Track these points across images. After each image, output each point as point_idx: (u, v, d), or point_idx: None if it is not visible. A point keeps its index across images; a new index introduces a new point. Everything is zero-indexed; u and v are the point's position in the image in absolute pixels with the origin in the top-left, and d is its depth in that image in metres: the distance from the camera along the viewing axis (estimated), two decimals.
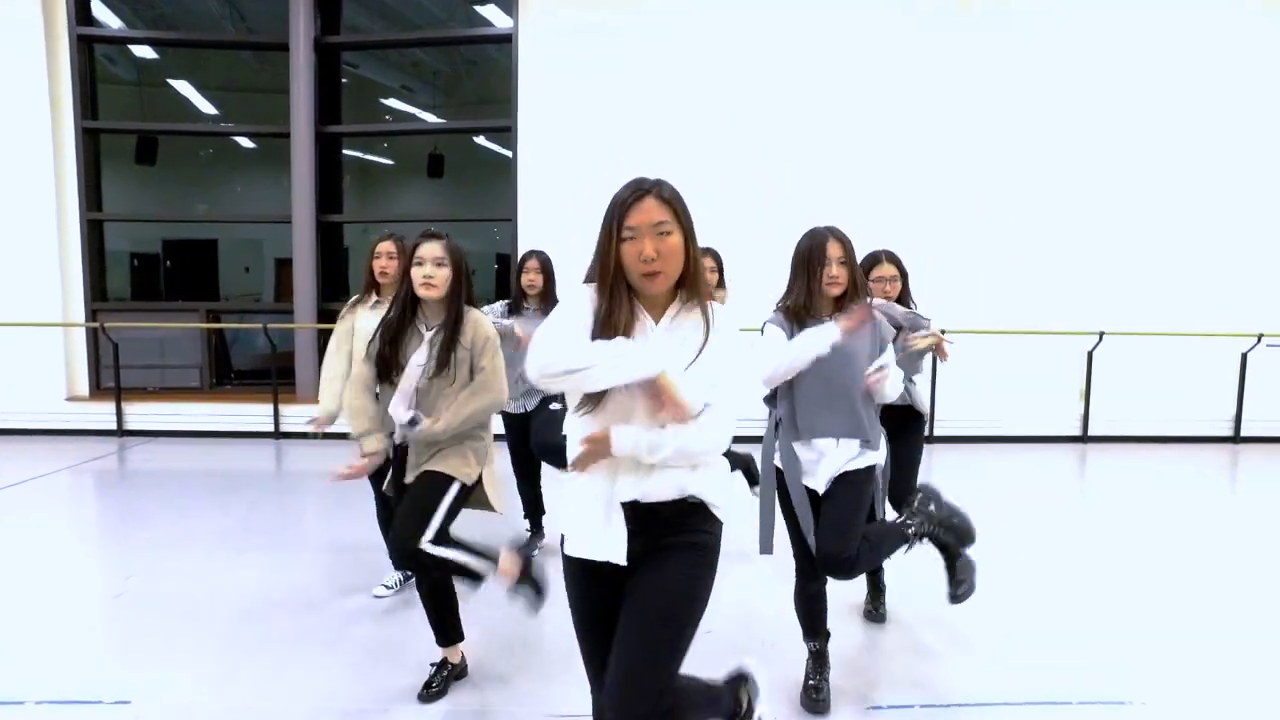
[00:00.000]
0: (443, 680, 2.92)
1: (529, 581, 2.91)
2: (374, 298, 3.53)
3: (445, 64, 13.55)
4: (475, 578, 2.80)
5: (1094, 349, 7.63)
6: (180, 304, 9.75)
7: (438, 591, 2.88)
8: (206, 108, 11.80)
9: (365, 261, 3.56)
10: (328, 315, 8.16)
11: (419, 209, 13.47)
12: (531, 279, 4.07)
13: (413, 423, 2.76)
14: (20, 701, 2.88)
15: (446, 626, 2.93)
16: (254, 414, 7.83)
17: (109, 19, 8.65)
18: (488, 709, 2.87)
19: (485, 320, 2.85)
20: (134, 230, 12.06)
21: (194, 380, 8.32)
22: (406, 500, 2.76)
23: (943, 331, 3.66)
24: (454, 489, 2.75)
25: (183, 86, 11.38)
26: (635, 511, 1.81)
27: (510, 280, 8.62)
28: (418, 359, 2.76)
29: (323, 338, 8.15)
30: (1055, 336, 7.55)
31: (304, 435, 7.44)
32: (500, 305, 4.23)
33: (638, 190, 1.81)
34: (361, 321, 3.43)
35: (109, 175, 8.63)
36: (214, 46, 9.27)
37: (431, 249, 2.74)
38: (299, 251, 7.97)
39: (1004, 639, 3.45)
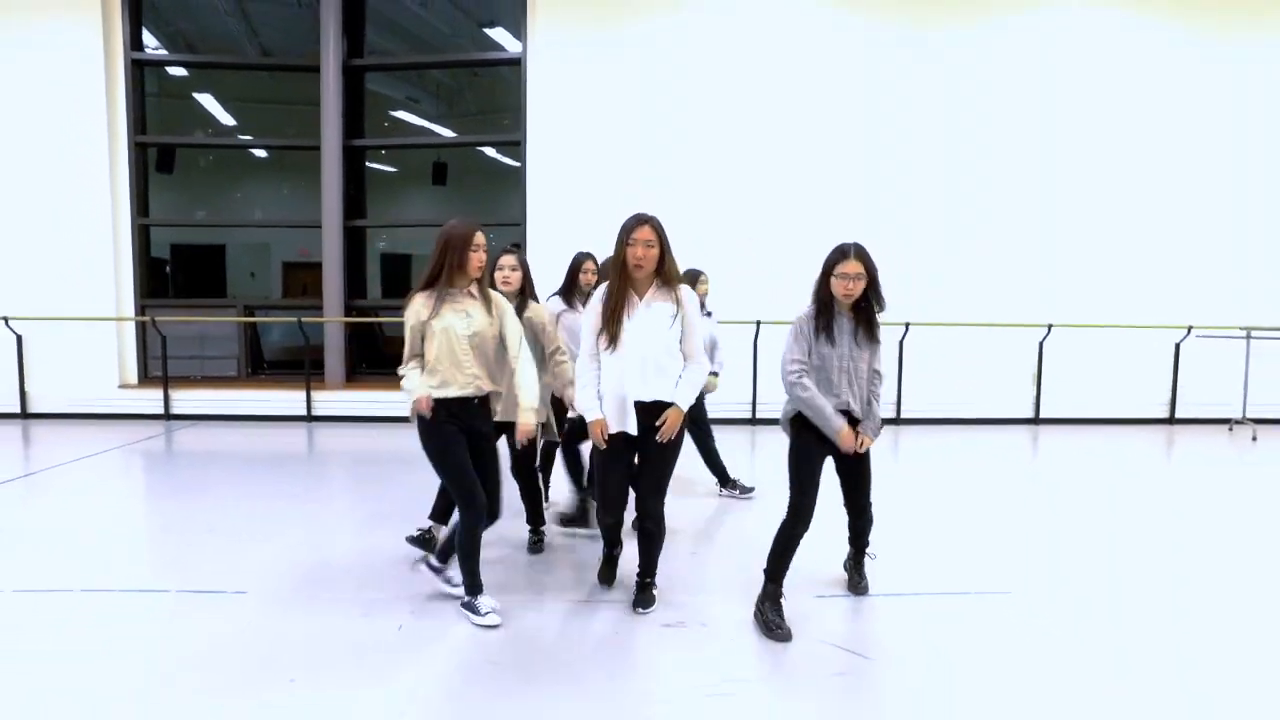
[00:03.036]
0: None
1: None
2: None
3: (449, 77, 14.89)
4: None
5: (1044, 340, 8.98)
6: (222, 300, 11.03)
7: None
8: (226, 119, 13.11)
9: (455, 258, 3.57)
10: (353, 311, 9.49)
11: (426, 215, 14.74)
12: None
13: None
14: (165, 590, 4.15)
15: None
16: (288, 400, 9.11)
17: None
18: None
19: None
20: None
21: (231, 370, 9.62)
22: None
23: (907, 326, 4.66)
24: None
25: (206, 100, 12.69)
26: (639, 406, 3.45)
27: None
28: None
29: (350, 331, 9.49)
30: (1009, 329, 8.89)
31: (337, 419, 8.72)
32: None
33: (639, 220, 3.50)
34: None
35: None
36: (251, 69, 10.58)
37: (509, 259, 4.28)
38: (328, 253, 9.30)
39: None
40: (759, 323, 8.63)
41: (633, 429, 3.55)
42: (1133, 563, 4.51)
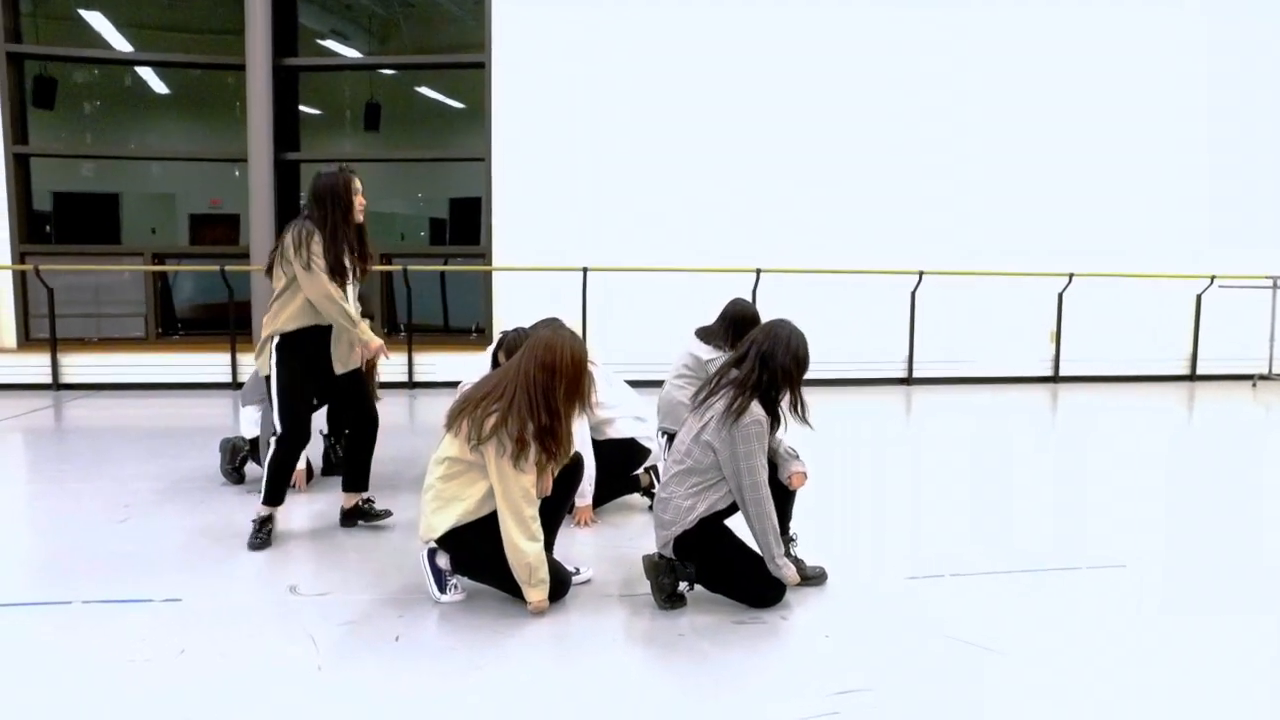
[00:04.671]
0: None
1: None
2: None
3: (380, 7, 13.59)
4: None
5: (1064, 290, 8.45)
6: (123, 247, 9.65)
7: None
8: (122, 45, 11.58)
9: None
10: None
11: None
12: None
13: None
14: (67, 601, 3.15)
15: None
16: (208, 364, 7.94)
17: None
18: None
19: None
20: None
21: (138, 330, 8.35)
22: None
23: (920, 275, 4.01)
24: None
25: (95, 19, 11.15)
26: None
27: (481, 225, 8.94)
28: None
29: None
30: (1027, 278, 8.33)
31: None
32: None
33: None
34: None
35: None
36: None
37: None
38: (257, 190, 8.11)
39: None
40: (759, 271, 7.89)
41: None
42: (1223, 526, 4.19)
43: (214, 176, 11.38)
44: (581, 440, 3.39)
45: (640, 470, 4.18)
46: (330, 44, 12.47)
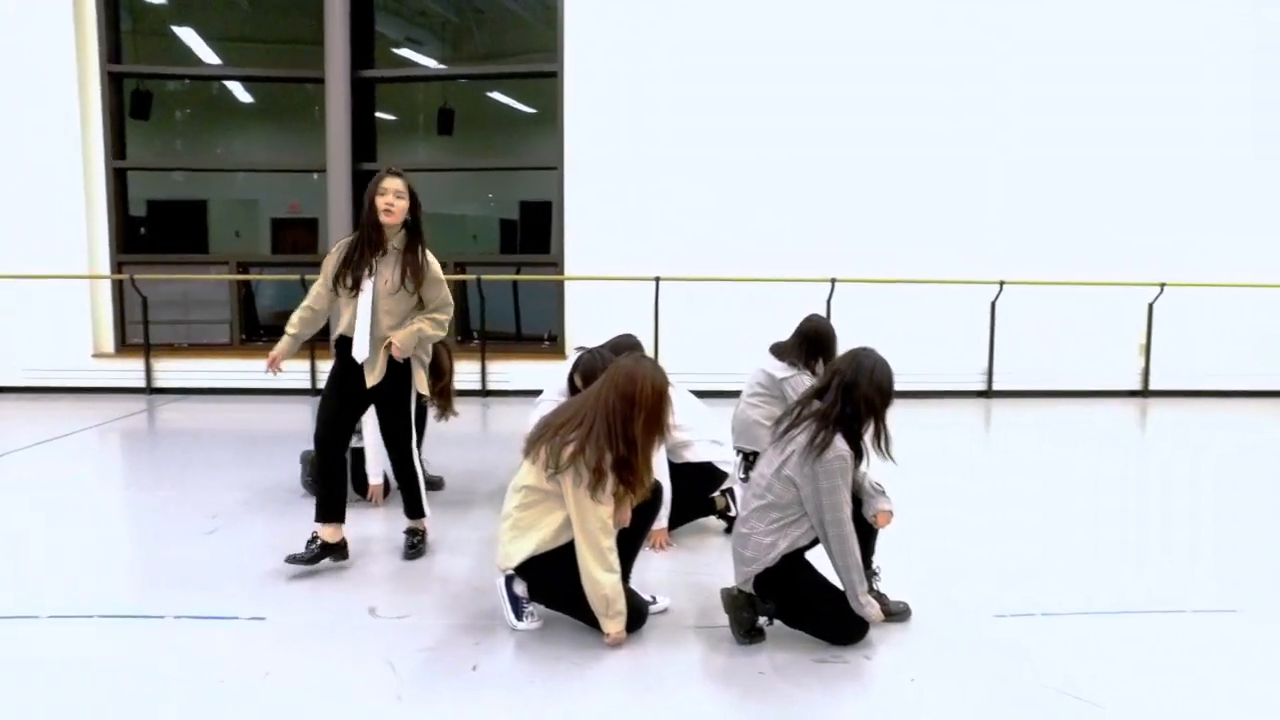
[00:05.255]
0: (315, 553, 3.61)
1: None
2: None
3: (453, 14, 13.78)
4: None
5: (1155, 301, 8.08)
6: (210, 255, 10.01)
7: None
8: (210, 58, 11.98)
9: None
10: None
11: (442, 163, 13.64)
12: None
13: None
14: (160, 616, 3.24)
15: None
16: (288, 370, 8.10)
17: None
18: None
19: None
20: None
21: (222, 336, 8.63)
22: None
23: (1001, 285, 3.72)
24: None
25: (186, 35, 11.56)
26: None
27: (551, 231, 8.99)
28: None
29: None
30: (1114, 288, 7.98)
31: None
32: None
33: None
34: None
35: None
36: None
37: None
38: (335, 200, 8.28)
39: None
40: (833, 280, 7.73)
41: None
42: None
43: (294, 181, 11.71)
44: (659, 467, 3.35)
45: (716, 493, 4.13)
46: (405, 52, 12.70)
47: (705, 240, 7.86)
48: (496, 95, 13.29)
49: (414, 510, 3.87)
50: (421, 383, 3.78)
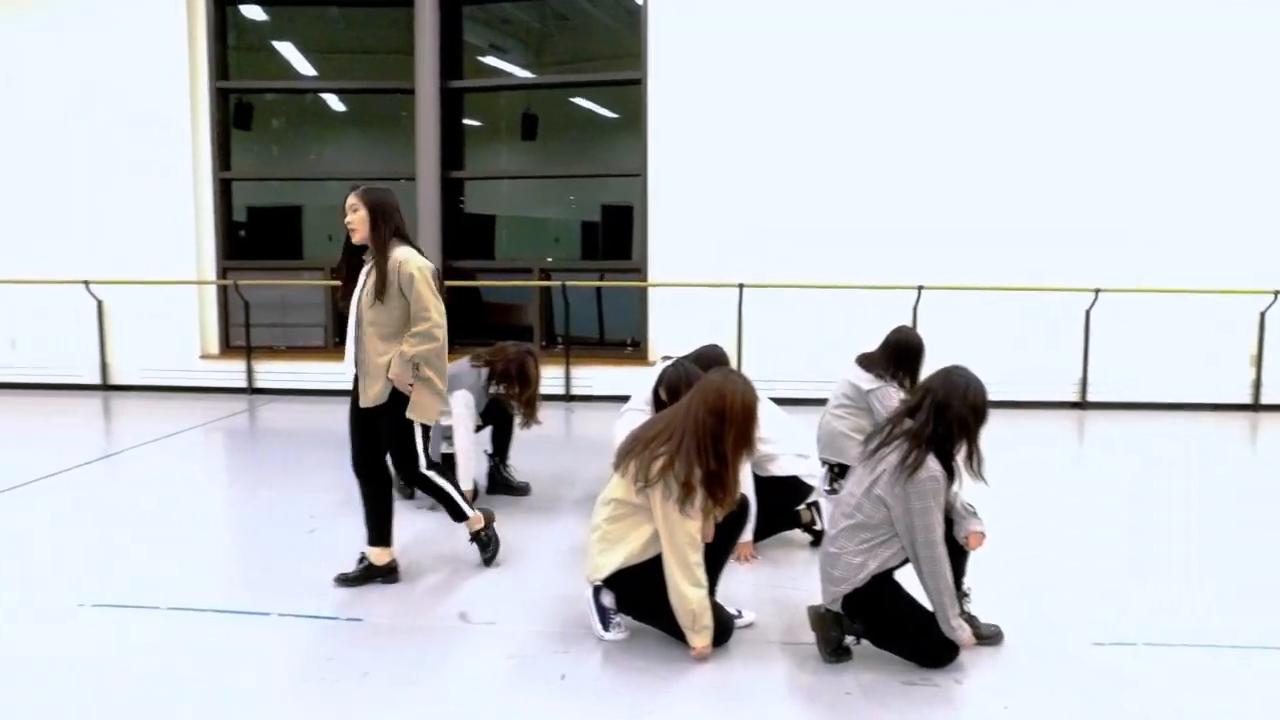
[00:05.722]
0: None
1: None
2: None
3: (536, 21, 14.00)
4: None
5: (1267, 310, 7.67)
6: (305, 261, 10.41)
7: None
8: (306, 69, 12.45)
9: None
10: (451, 273, 8.72)
11: (525, 168, 13.88)
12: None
13: None
14: (266, 613, 3.40)
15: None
16: None
17: None
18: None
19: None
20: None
21: (317, 339, 8.97)
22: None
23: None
24: None
25: (285, 48, 12.05)
26: None
27: (633, 236, 9.06)
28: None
29: (450, 295, 8.70)
30: (1222, 296, 7.60)
31: None
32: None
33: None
34: None
35: None
36: (339, 3, 9.90)
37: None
38: (424, 209, 8.53)
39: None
40: (920, 288, 7.58)
41: None
42: None
43: (395, 181, 12.06)
44: (744, 480, 3.35)
45: (802, 506, 4.10)
46: (490, 59, 12.96)
47: (789, 246, 7.80)
48: (579, 100, 13.46)
49: (456, 516, 3.82)
50: (424, 409, 3.52)
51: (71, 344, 8.66)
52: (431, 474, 3.71)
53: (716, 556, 3.14)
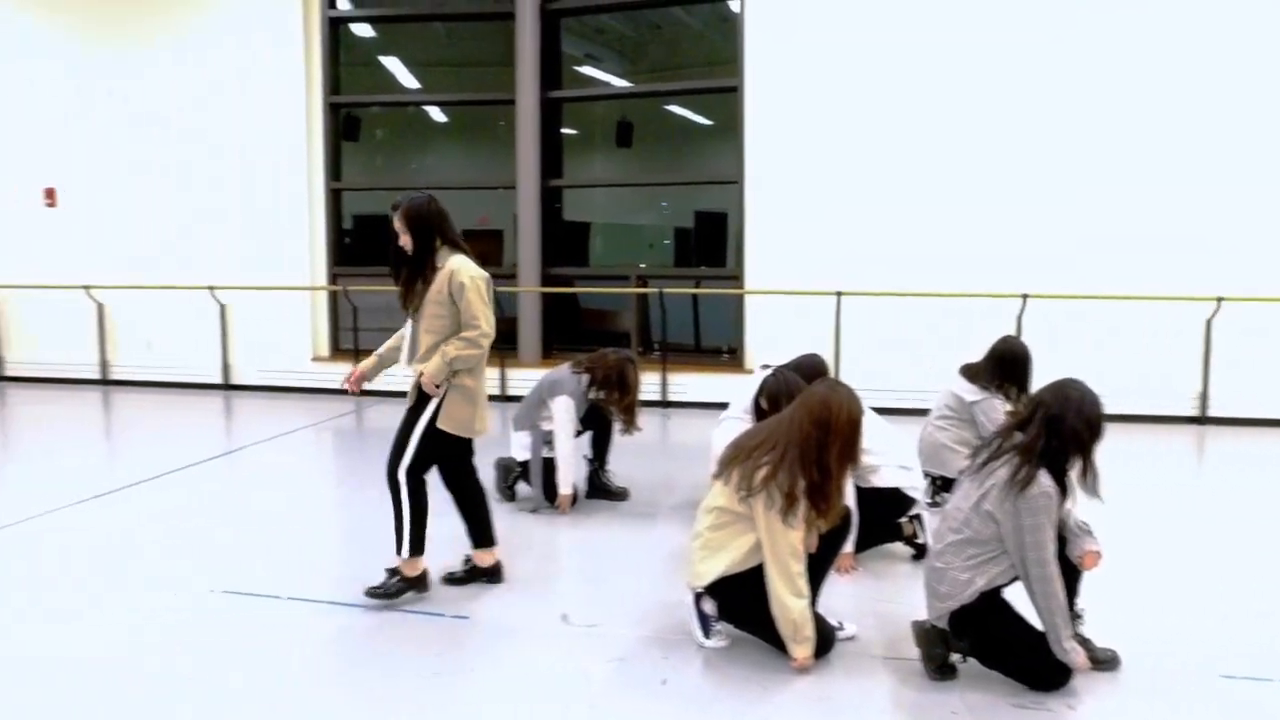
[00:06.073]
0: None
1: None
2: None
3: (631, 30, 14.15)
4: None
5: None
6: None
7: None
8: (410, 82, 12.92)
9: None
10: (551, 280, 8.89)
11: (612, 179, 14.04)
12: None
13: None
14: (376, 607, 3.54)
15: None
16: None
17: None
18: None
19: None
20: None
21: None
22: None
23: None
24: None
25: (391, 63, 12.53)
26: None
27: (728, 243, 9.07)
28: None
29: (546, 302, 8.90)
30: None
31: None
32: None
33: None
34: None
35: None
36: (447, 19, 10.27)
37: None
38: (525, 217, 8.73)
39: None
40: (1025, 296, 7.32)
41: None
42: None
43: (482, 194, 12.40)
44: (846, 491, 3.33)
45: (904, 519, 4.04)
46: (585, 69, 13.18)
47: (888, 254, 7.66)
48: (673, 107, 13.54)
49: (398, 543, 3.57)
50: (455, 419, 3.53)
51: (198, 346, 9.20)
52: (404, 485, 3.56)
53: (818, 567, 3.12)
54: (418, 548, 3.58)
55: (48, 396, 8.97)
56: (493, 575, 3.82)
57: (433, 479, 3.70)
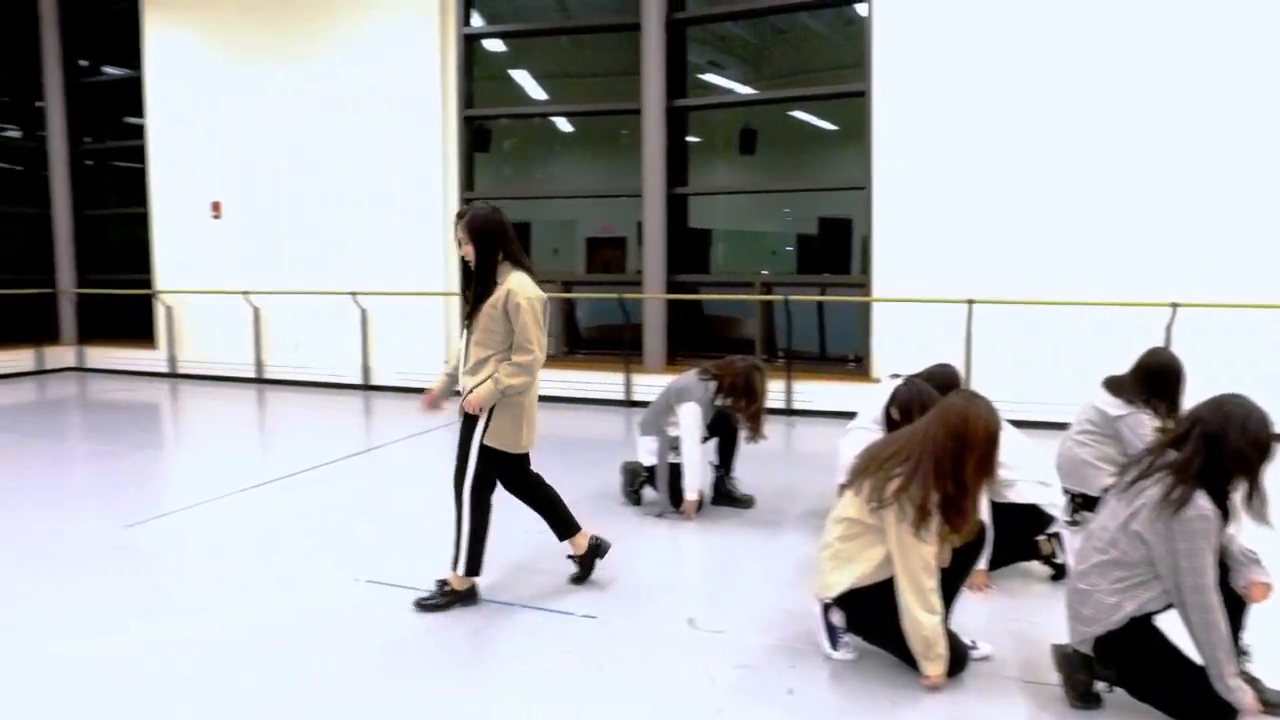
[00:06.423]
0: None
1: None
2: None
3: (753, 36, 14.09)
4: None
5: None
6: (538, 274, 11.12)
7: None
8: (538, 93, 13.30)
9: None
10: (675, 286, 8.97)
11: (735, 186, 14.01)
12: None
13: None
14: (509, 603, 3.66)
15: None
16: (605, 382, 8.80)
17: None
18: None
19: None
20: None
21: (550, 348, 9.52)
22: None
23: None
24: None
25: (520, 76, 12.94)
26: None
27: (852, 249, 8.93)
28: None
29: (671, 308, 8.98)
30: None
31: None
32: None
33: None
34: None
35: None
36: (574, 32, 10.54)
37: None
38: (650, 224, 8.85)
39: None
40: (1175, 305, 6.88)
41: None
42: None
43: (606, 201, 12.63)
44: (981, 506, 3.23)
45: (1042, 537, 3.88)
46: (709, 76, 13.21)
47: (1023, 260, 7.34)
48: (796, 112, 13.41)
49: (455, 557, 3.57)
50: (502, 436, 3.54)
51: (341, 348, 9.77)
52: (467, 502, 3.56)
53: (951, 583, 3.05)
54: (473, 568, 3.58)
55: (211, 393, 9.74)
56: (596, 552, 3.87)
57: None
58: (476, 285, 3.47)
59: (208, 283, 10.39)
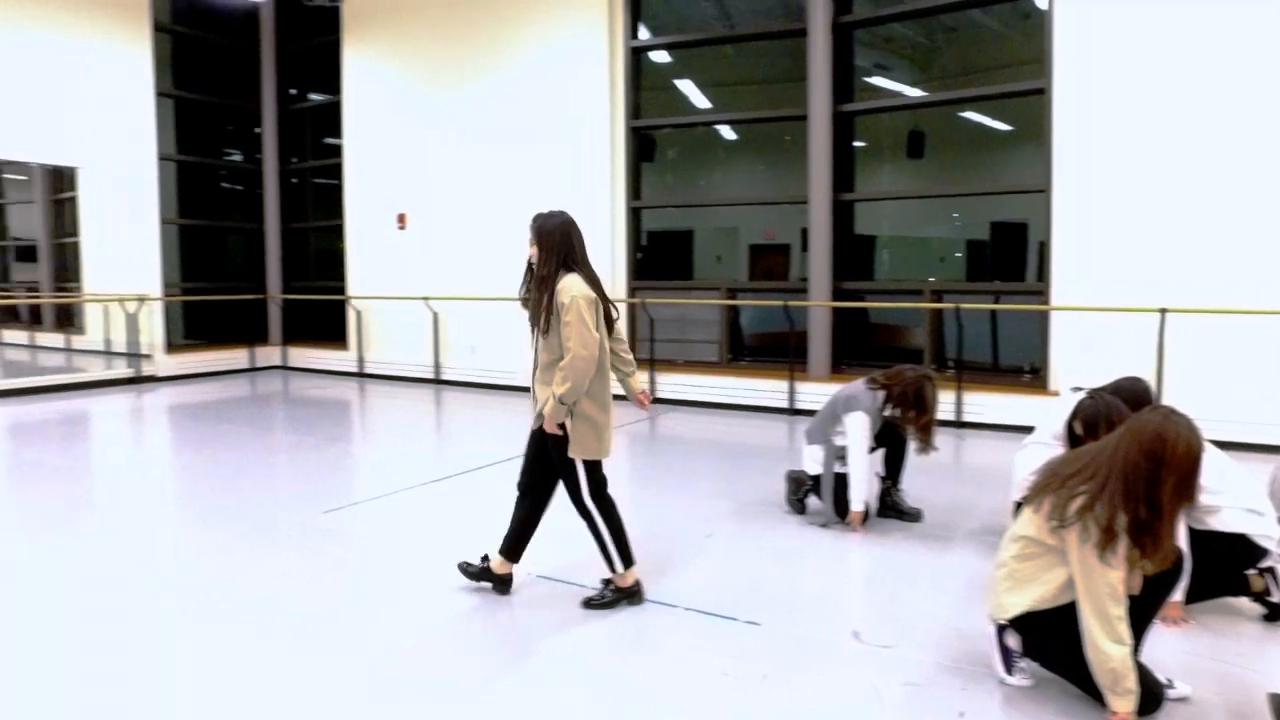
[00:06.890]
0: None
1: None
2: None
3: (923, 36, 13.59)
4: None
5: None
6: (697, 281, 11.28)
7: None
8: (702, 103, 13.42)
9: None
10: (841, 294, 8.81)
11: (903, 190, 13.61)
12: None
13: None
14: (673, 605, 3.71)
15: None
16: (769, 390, 8.76)
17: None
18: None
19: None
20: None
21: (712, 355, 9.60)
22: None
23: None
24: None
25: (685, 85, 13.09)
26: None
27: (1028, 256, 8.44)
28: None
29: (836, 316, 8.83)
30: None
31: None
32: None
33: None
34: None
35: None
36: (740, 40, 10.61)
37: None
38: (816, 231, 8.74)
39: None
40: None
41: None
42: None
43: (768, 209, 12.56)
44: (1178, 532, 2.99)
45: (1253, 571, 3.54)
46: (875, 79, 12.87)
47: (1223, 267, 6.71)
48: (967, 113, 12.82)
49: (607, 561, 3.69)
50: (584, 445, 3.55)
51: (512, 352, 10.21)
52: (593, 509, 3.64)
53: (1141, 613, 2.85)
54: (627, 559, 3.68)
55: (395, 392, 10.46)
56: (502, 585, 3.84)
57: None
58: (537, 289, 3.56)
59: (392, 289, 11.17)
